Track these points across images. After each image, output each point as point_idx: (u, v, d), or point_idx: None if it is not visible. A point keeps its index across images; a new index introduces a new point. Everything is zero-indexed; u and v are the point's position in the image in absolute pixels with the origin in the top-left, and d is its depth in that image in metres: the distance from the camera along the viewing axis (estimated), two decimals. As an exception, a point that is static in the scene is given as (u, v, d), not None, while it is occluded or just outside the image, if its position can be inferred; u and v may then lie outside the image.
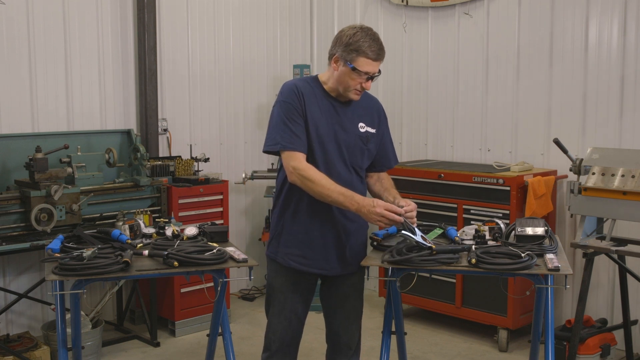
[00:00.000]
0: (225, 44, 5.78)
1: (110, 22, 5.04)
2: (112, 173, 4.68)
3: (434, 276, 4.62)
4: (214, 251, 2.82)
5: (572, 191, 3.90)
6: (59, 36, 4.75)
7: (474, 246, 2.85)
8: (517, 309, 4.57)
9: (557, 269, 2.63)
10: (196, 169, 5.17)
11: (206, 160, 5.25)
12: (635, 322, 4.28)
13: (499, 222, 3.11)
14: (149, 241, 3.07)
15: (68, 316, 3.40)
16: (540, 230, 2.92)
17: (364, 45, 2.76)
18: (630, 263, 4.27)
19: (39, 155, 4.09)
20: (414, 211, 2.78)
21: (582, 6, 4.65)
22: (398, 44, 5.74)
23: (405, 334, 3.24)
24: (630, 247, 3.83)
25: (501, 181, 4.56)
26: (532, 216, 3.94)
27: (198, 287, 4.82)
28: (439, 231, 3.11)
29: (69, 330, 3.18)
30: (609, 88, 4.55)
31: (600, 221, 4.00)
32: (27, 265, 4.64)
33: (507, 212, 4.52)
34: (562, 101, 4.80)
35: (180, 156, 5.20)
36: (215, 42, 5.70)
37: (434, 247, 2.72)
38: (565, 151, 4.09)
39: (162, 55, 5.31)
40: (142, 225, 3.20)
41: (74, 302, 3.16)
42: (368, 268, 2.91)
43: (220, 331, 3.14)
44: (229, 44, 5.80)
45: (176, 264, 2.71)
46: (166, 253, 2.74)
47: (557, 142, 4.11)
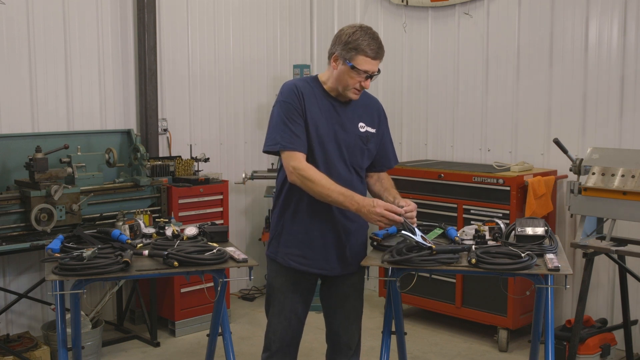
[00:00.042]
0: (225, 44, 5.78)
1: (110, 22, 5.04)
2: (112, 173, 4.68)
3: (434, 276, 4.62)
4: (214, 251, 2.82)
5: (572, 191, 3.90)
6: (59, 36, 4.75)
7: (474, 246, 2.85)
8: (517, 309, 4.57)
9: (557, 269, 2.63)
10: (196, 169, 5.17)
11: (206, 160, 5.25)
12: (635, 322, 4.28)
13: (499, 222, 3.11)
14: (149, 241, 3.07)
15: (68, 316, 3.40)
16: (540, 230, 2.92)
17: (363, 43, 2.76)
18: (630, 263, 4.27)
19: (39, 155, 4.09)
20: (414, 211, 2.78)
21: (582, 6, 4.65)
22: (398, 44, 5.74)
23: (405, 334, 3.24)
24: (630, 247, 3.83)
25: (501, 181, 4.56)
26: (532, 216, 3.94)
27: (198, 287, 4.82)
28: (439, 231, 3.11)
29: (69, 330, 3.18)
30: (609, 88, 4.55)
31: (600, 221, 4.00)
32: (27, 265, 4.64)
33: (507, 212, 4.52)
34: (562, 101, 4.80)
35: (180, 156, 5.20)
36: (215, 42, 5.70)
37: (434, 247, 2.72)
38: (565, 151, 4.09)
39: (162, 55, 5.31)
40: (142, 225, 3.20)
41: (74, 302, 3.16)
42: (368, 268, 2.91)
43: (220, 331, 3.14)
44: (229, 44, 5.80)
45: (176, 264, 2.71)
46: (166, 253, 2.74)
47: (557, 142, 4.11)
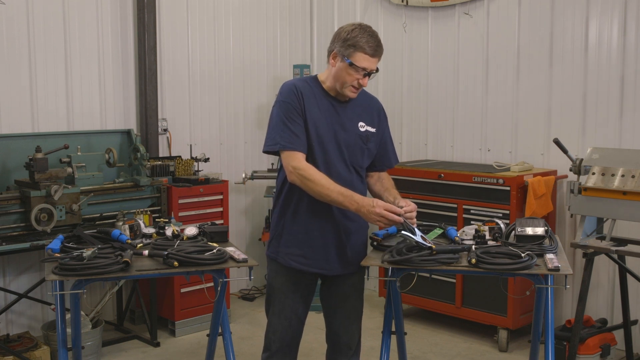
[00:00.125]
0: (225, 44, 5.78)
1: (110, 22, 5.04)
2: (112, 173, 4.68)
3: (434, 276, 4.62)
4: (214, 251, 2.82)
5: (572, 191, 3.90)
6: (59, 36, 4.75)
7: (474, 246, 2.85)
8: (517, 309, 4.57)
9: (557, 269, 2.63)
10: (196, 169, 5.17)
11: (206, 160, 5.25)
12: (635, 322, 4.28)
13: (499, 222, 3.11)
14: (149, 241, 3.07)
15: (68, 316, 3.40)
16: (540, 230, 2.92)
17: (362, 40, 2.76)
18: (630, 263, 4.27)
19: (39, 155, 4.09)
20: (413, 212, 2.78)
21: (582, 6, 4.65)
22: (398, 44, 5.74)
23: (405, 334, 3.24)
24: (630, 247, 3.83)
25: (501, 181, 4.56)
26: (532, 216, 3.94)
27: (198, 287, 4.82)
28: (439, 231, 3.11)
29: (69, 330, 3.18)
30: (609, 88, 4.55)
31: (600, 221, 4.00)
32: (27, 265, 4.64)
33: (507, 212, 4.52)
34: (562, 101, 4.80)
35: (180, 156, 5.20)
36: (215, 42, 5.70)
37: (434, 247, 2.72)
38: (565, 151, 4.09)
39: (162, 55, 5.31)
40: (142, 225, 3.20)
41: (74, 302, 3.16)
42: (368, 268, 2.91)
43: (220, 331, 3.14)
44: (229, 44, 5.80)
45: (176, 264, 2.71)
46: (166, 253, 2.74)
47: (557, 142, 4.11)
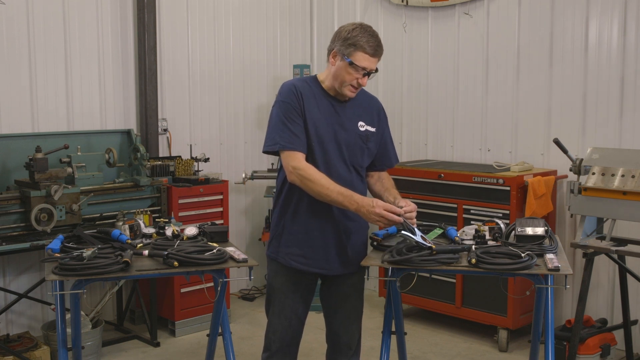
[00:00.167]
0: (225, 44, 5.78)
1: (110, 22, 5.04)
2: (112, 173, 4.68)
3: (434, 276, 4.62)
4: (214, 251, 2.82)
5: (572, 191, 3.90)
6: (59, 36, 4.75)
7: (474, 246, 2.85)
8: (517, 309, 4.57)
9: (557, 269, 2.63)
10: (196, 169, 5.17)
11: (206, 160, 5.25)
12: (635, 322, 4.28)
13: (499, 222, 3.11)
14: (149, 241, 3.07)
15: (68, 316, 3.40)
16: (540, 230, 2.92)
17: (362, 40, 2.76)
18: (630, 263, 4.26)
19: (39, 155, 4.09)
20: (413, 212, 2.77)
21: (582, 6, 4.65)
22: (398, 44, 5.74)
23: (405, 334, 3.24)
24: (630, 247, 3.83)
25: (501, 181, 4.56)
26: (532, 216, 3.94)
27: (198, 287, 4.82)
28: (439, 231, 3.11)
29: (69, 330, 3.18)
30: (609, 88, 4.55)
31: (600, 221, 4.00)
32: (27, 265, 4.64)
33: (507, 212, 4.51)
34: (562, 101, 4.80)
35: (180, 156, 5.20)
36: (215, 42, 5.70)
37: (434, 247, 2.72)
38: (565, 151, 4.09)
39: (162, 55, 5.31)
40: (142, 225, 3.20)
41: (74, 302, 3.16)
42: (368, 268, 2.91)
43: (220, 331, 3.14)
44: (229, 44, 5.80)
45: (176, 264, 2.71)
46: (166, 253, 2.74)
47: (557, 142, 4.11)
